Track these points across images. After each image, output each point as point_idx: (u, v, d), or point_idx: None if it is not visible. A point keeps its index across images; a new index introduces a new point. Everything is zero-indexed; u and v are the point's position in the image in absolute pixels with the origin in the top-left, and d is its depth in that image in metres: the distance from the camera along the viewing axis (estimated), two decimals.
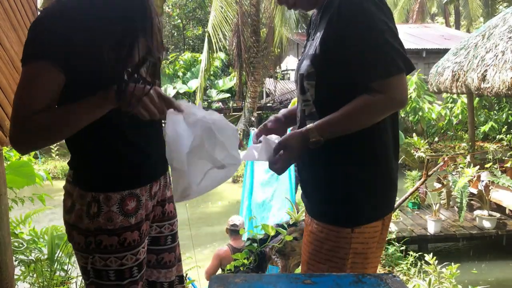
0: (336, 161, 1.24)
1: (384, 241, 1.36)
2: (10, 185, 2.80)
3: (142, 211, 1.22)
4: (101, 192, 1.16)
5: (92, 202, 1.15)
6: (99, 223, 1.15)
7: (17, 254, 2.92)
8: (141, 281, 1.24)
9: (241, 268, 2.65)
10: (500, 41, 5.32)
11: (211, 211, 8.29)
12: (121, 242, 1.17)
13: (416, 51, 13.71)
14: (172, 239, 1.40)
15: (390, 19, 1.17)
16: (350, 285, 0.98)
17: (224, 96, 16.78)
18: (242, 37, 12.01)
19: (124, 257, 1.18)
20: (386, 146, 1.25)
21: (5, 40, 1.79)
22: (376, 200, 1.25)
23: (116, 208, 1.16)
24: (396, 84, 1.12)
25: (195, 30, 21.32)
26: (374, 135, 1.22)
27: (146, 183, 1.24)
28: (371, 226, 1.24)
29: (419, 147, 10.07)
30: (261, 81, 13.33)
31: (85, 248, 1.17)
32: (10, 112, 1.78)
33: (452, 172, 5.46)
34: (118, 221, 1.16)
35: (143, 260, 1.24)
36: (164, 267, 1.39)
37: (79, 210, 1.16)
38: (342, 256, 1.24)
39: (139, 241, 1.21)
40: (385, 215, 1.28)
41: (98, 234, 1.15)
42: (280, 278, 1.01)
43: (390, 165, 1.26)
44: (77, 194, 1.17)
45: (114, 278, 1.18)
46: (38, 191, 3.27)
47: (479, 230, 5.08)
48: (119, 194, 1.17)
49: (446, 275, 3.25)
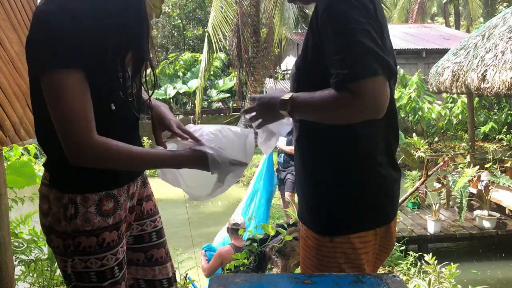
0: (314, 166, 1.23)
1: (386, 250, 1.30)
2: (11, 185, 2.80)
3: (120, 211, 1.21)
4: (78, 193, 1.14)
5: (69, 204, 1.14)
6: (76, 225, 1.14)
7: (18, 254, 2.92)
8: (123, 281, 1.23)
9: (241, 268, 2.65)
10: (500, 41, 5.32)
11: (211, 211, 8.28)
12: (100, 243, 1.16)
13: (416, 51, 13.72)
14: (157, 235, 1.40)
15: (371, 17, 1.06)
16: (350, 285, 0.98)
17: (224, 96, 16.78)
18: (242, 37, 12.01)
19: (104, 258, 1.17)
20: (372, 155, 1.18)
21: (5, 40, 1.79)
22: (362, 211, 1.19)
23: (94, 209, 1.15)
24: (370, 88, 1.01)
25: (195, 30, 21.32)
26: (356, 142, 1.17)
27: (123, 184, 1.23)
28: (357, 237, 1.18)
29: (419, 147, 10.08)
30: (261, 81, 13.33)
31: (64, 251, 1.16)
32: (10, 112, 1.77)
33: (452, 172, 5.47)
34: (95, 222, 1.15)
35: (122, 259, 1.23)
36: (156, 263, 1.38)
37: (57, 213, 1.15)
38: (326, 264, 1.20)
39: (118, 241, 1.21)
40: (376, 226, 1.21)
41: (76, 236, 1.14)
42: (280, 278, 1.01)
43: (379, 175, 1.19)
44: (53, 196, 1.16)
45: (96, 279, 1.17)
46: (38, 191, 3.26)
47: (479, 230, 5.08)
48: (96, 195, 1.16)
49: (446, 275, 3.25)
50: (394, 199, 1.27)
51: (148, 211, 1.38)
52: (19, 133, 1.85)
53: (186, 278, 3.01)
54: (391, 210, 1.26)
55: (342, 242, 1.18)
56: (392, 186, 1.24)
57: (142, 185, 1.35)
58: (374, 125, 1.12)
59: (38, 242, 3.07)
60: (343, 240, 1.18)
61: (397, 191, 1.28)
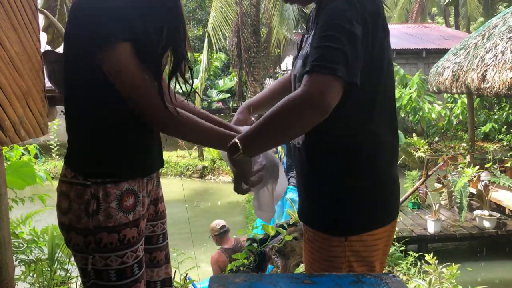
0: (324, 167, 1.21)
1: (389, 247, 1.32)
2: (11, 186, 2.80)
3: (140, 207, 1.21)
4: (100, 185, 1.15)
5: (91, 200, 1.14)
6: (98, 221, 1.14)
7: (18, 254, 2.92)
8: (143, 279, 1.23)
9: (241, 268, 2.65)
10: (500, 41, 5.32)
11: (212, 211, 8.29)
12: (121, 240, 1.16)
13: (416, 51, 13.71)
14: (163, 238, 1.41)
15: (366, 22, 1.03)
16: (350, 285, 0.98)
17: (224, 96, 16.76)
18: (242, 37, 12.01)
19: (124, 255, 1.17)
20: (379, 153, 1.19)
21: (5, 40, 1.79)
22: (374, 209, 1.20)
23: (115, 204, 1.15)
24: (320, 83, 0.96)
25: (195, 30, 21.31)
26: (364, 142, 1.17)
27: (145, 175, 1.25)
28: (370, 234, 1.19)
29: (419, 147, 10.07)
30: (261, 81, 13.32)
31: (85, 248, 1.15)
32: (10, 112, 1.77)
33: (452, 172, 5.47)
34: (117, 218, 1.15)
35: (142, 257, 1.23)
36: (156, 265, 1.40)
37: (77, 210, 1.15)
38: (337, 266, 1.20)
39: (138, 237, 1.21)
40: (388, 223, 1.23)
41: (97, 232, 1.14)
42: (280, 278, 1.01)
43: (388, 174, 1.21)
44: (74, 193, 1.15)
45: (116, 278, 1.17)
46: (39, 191, 3.26)
47: (479, 230, 5.08)
48: (118, 190, 1.16)
49: (447, 275, 3.25)
50: (398, 195, 1.31)
51: (161, 213, 1.39)
52: (19, 133, 1.85)
53: (186, 278, 3.00)
54: (397, 206, 1.31)
55: (355, 240, 1.18)
56: (398, 183, 1.28)
57: (157, 184, 1.36)
58: (378, 124, 1.14)
59: (38, 242, 3.07)
60: (357, 238, 1.18)
61: (399, 187, 1.31)
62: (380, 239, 1.21)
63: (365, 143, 1.17)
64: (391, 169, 1.23)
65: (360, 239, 1.19)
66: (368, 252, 1.20)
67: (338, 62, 0.98)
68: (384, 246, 1.25)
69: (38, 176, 3.03)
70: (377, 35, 1.09)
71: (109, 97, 1.13)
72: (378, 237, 1.21)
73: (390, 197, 1.24)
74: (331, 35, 1.01)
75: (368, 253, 1.20)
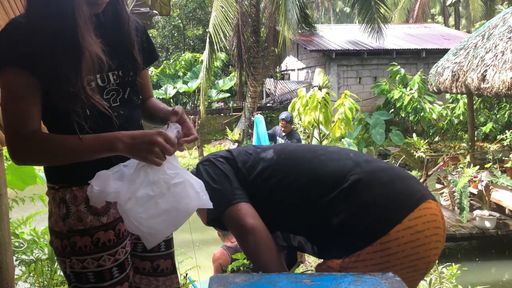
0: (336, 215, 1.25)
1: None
2: (11, 187, 2.80)
3: (114, 210, 1.19)
4: (66, 188, 1.14)
5: (60, 203, 1.15)
6: (70, 224, 1.14)
7: (18, 254, 2.92)
8: (126, 282, 1.22)
9: (241, 268, 2.65)
10: (500, 41, 5.32)
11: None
12: (95, 243, 1.15)
13: (416, 51, 13.71)
14: (166, 245, 1.38)
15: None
16: (350, 284, 0.98)
17: (224, 96, 16.76)
18: (242, 37, 12.00)
19: (100, 258, 1.16)
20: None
21: None
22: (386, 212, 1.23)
23: (84, 207, 1.15)
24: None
25: (195, 30, 21.31)
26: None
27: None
28: (396, 231, 1.19)
29: (419, 147, 10.07)
30: (261, 81, 13.31)
31: (62, 251, 1.16)
32: None
33: (452, 172, 5.47)
34: (88, 221, 1.15)
35: (124, 260, 1.21)
36: (161, 274, 1.37)
37: (55, 214, 1.17)
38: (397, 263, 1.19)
39: (116, 241, 1.19)
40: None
41: (71, 235, 1.14)
42: (280, 278, 1.01)
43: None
44: (51, 197, 1.18)
45: (94, 280, 1.16)
46: (39, 191, 3.26)
47: (479, 230, 5.07)
48: (83, 193, 1.13)
49: (447, 275, 3.25)
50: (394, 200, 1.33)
51: None
52: None
53: (186, 278, 3.00)
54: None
55: (384, 242, 1.19)
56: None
57: None
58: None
59: (38, 243, 3.07)
60: (385, 239, 1.18)
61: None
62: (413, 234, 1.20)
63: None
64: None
65: (385, 240, 1.20)
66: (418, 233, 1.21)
67: None
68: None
69: (39, 176, 3.03)
70: None
71: (51, 116, 1.14)
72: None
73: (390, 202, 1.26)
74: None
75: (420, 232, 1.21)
